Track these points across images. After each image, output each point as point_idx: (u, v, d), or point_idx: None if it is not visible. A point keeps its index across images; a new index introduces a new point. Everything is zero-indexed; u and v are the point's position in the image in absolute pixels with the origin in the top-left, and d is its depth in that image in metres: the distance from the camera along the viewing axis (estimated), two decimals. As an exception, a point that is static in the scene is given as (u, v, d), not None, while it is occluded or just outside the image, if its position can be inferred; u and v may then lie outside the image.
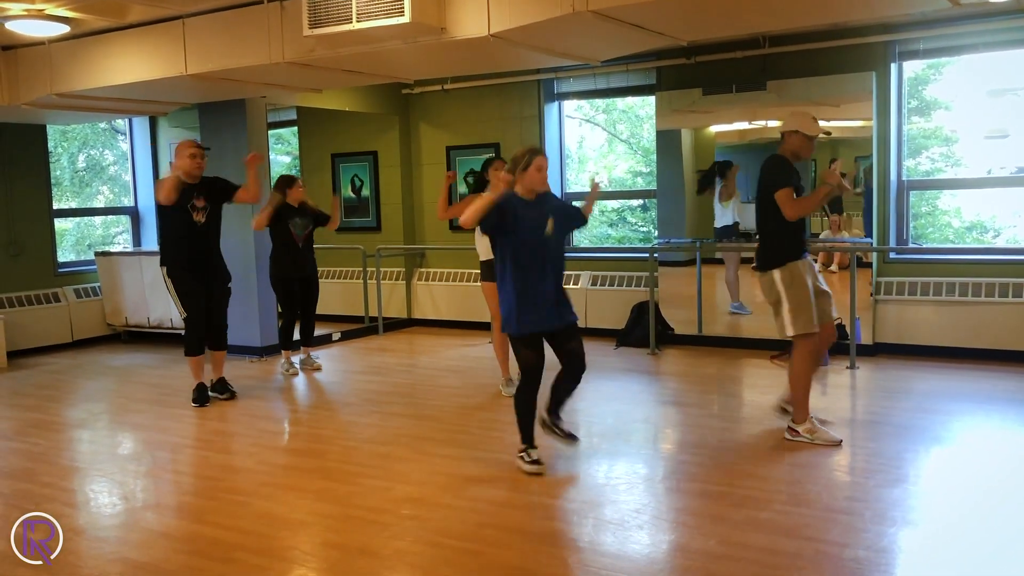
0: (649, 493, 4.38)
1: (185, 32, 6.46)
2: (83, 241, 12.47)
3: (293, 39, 5.98)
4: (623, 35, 5.67)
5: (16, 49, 7.29)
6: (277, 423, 6.19)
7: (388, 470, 4.80)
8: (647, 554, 3.67)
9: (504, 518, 4.04)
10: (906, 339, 7.32)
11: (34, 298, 8.93)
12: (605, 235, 12.95)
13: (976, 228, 10.72)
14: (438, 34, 5.49)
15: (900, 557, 3.56)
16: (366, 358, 8.17)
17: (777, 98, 7.79)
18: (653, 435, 5.56)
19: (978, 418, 5.61)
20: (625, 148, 13.31)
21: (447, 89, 9.34)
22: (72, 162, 12.71)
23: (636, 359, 7.66)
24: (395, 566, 3.62)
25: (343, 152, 10.24)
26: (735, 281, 8.30)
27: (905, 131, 7.67)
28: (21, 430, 6.02)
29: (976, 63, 8.39)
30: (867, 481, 4.40)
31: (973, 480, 4.39)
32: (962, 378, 6.58)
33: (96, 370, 8.07)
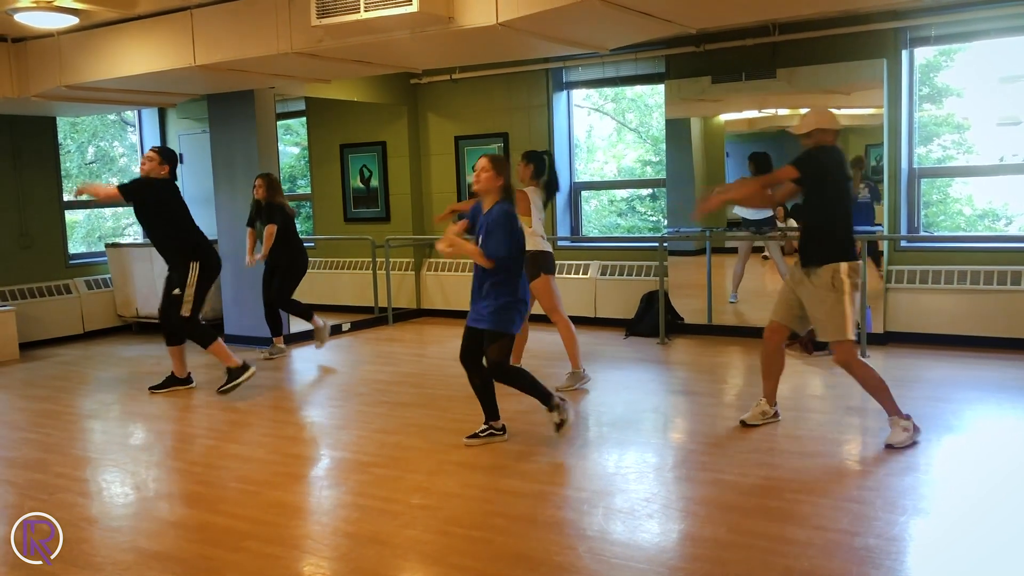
0: (659, 482, 4.38)
1: (193, 23, 6.46)
2: (93, 233, 12.53)
3: (301, 29, 5.97)
4: (632, 23, 5.64)
5: (26, 41, 7.30)
6: (288, 413, 6.21)
7: (398, 459, 4.81)
8: (657, 543, 3.67)
9: (514, 507, 4.04)
10: (917, 327, 7.29)
11: (45, 290, 8.97)
12: (614, 224, 12.93)
13: (988, 216, 10.66)
14: (446, 23, 5.48)
15: (911, 545, 3.55)
16: (376, 348, 8.19)
17: (787, 86, 7.75)
18: (663, 424, 5.55)
19: (990, 406, 5.58)
20: (634, 137, 13.27)
21: (455, 79, 9.32)
22: (82, 154, 12.77)
23: (646, 348, 7.66)
24: (405, 554, 3.63)
25: (352, 142, 10.24)
26: (741, 274, 8.26)
27: (916, 118, 7.62)
28: (34, 421, 6.06)
29: (988, 49, 8.34)
30: (878, 470, 4.39)
31: (985, 468, 4.38)
32: (973, 366, 6.55)
33: (107, 361, 8.10)
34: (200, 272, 6.28)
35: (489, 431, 4.98)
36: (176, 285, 6.23)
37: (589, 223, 11.56)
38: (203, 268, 6.30)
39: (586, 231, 9.78)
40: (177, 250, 6.27)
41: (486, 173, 4.75)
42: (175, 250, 6.28)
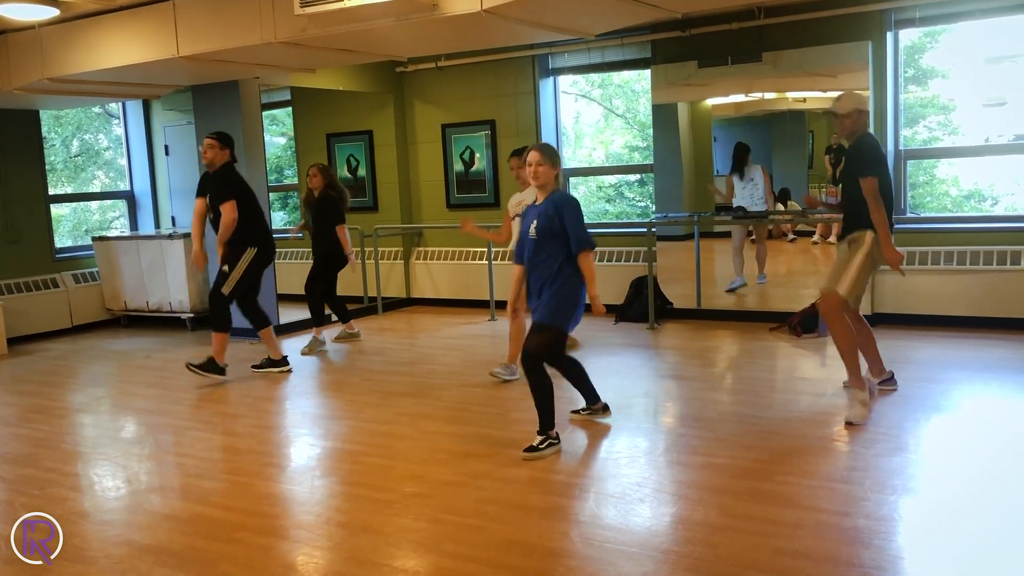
0: (650, 466, 4.40)
1: (176, 13, 6.40)
2: (80, 226, 12.45)
3: (284, 18, 5.93)
4: (617, 8, 5.63)
5: (6, 34, 7.23)
6: (278, 404, 6.20)
7: (390, 448, 4.82)
8: (648, 527, 3.69)
9: (505, 494, 4.06)
10: (905, 308, 7.33)
11: (32, 284, 8.92)
12: (603, 211, 12.93)
13: (974, 196, 10.70)
14: (430, 11, 5.45)
15: (901, 525, 3.57)
16: (366, 338, 8.18)
17: (773, 69, 7.75)
18: (653, 409, 5.58)
19: (977, 386, 5.62)
20: (621, 123, 13.26)
21: (441, 66, 9.28)
22: (66, 147, 12.67)
23: (635, 334, 7.67)
24: (398, 543, 3.64)
25: (338, 132, 10.19)
26: (742, 259, 8.25)
27: (902, 100, 7.63)
28: (23, 416, 6.04)
29: (974, 30, 8.36)
30: (867, 451, 4.41)
31: (974, 448, 4.41)
32: (961, 347, 6.59)
33: (96, 355, 8.07)
34: (255, 258, 6.46)
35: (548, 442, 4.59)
36: (227, 263, 6.41)
37: (578, 209, 11.54)
38: (258, 256, 6.47)
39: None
40: (237, 235, 6.38)
41: (542, 167, 4.60)
42: (235, 235, 6.38)
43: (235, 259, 6.41)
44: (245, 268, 6.43)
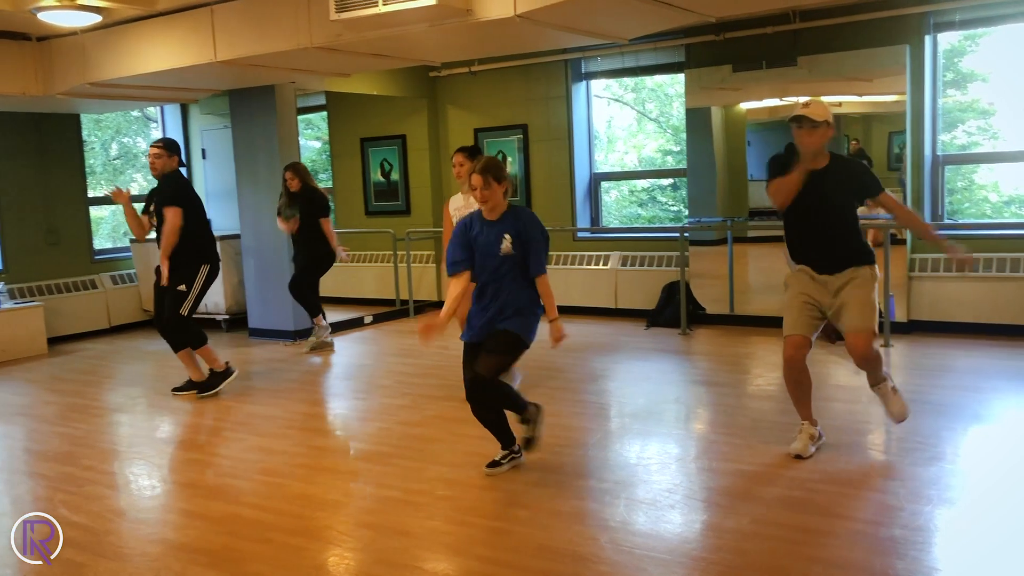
0: (681, 473, 4.37)
1: (214, 19, 6.49)
2: (119, 229, 12.64)
3: (320, 24, 5.99)
4: (651, 12, 5.61)
5: (50, 40, 7.38)
6: (311, 405, 6.25)
7: (421, 451, 4.84)
8: (679, 533, 3.67)
9: (535, 498, 4.05)
10: (941, 316, 7.22)
11: (72, 285, 9.09)
12: (635, 215, 12.88)
13: (1015, 202, 10.50)
14: (464, 16, 5.47)
15: (937, 536, 3.52)
16: (398, 341, 8.22)
17: (808, 74, 7.68)
18: (685, 415, 5.54)
19: (1017, 396, 5.52)
20: (655, 127, 13.20)
21: (474, 71, 9.32)
22: (105, 150, 12.88)
23: (667, 339, 7.64)
24: (429, 545, 3.65)
25: (372, 136, 10.27)
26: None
27: (940, 105, 7.52)
28: (62, 414, 6.15)
29: (1015, 33, 8.19)
30: (903, 460, 4.36)
31: (1012, 458, 4.33)
32: (999, 355, 6.48)
33: (133, 355, 8.20)
34: (208, 275, 6.23)
35: (510, 456, 4.43)
36: (183, 282, 6.11)
37: (609, 214, 11.52)
38: (210, 272, 6.25)
39: (606, 222, 9.76)
40: (191, 250, 6.13)
41: (488, 191, 4.18)
42: (190, 250, 6.12)
43: (191, 277, 6.13)
44: (201, 285, 6.20)
